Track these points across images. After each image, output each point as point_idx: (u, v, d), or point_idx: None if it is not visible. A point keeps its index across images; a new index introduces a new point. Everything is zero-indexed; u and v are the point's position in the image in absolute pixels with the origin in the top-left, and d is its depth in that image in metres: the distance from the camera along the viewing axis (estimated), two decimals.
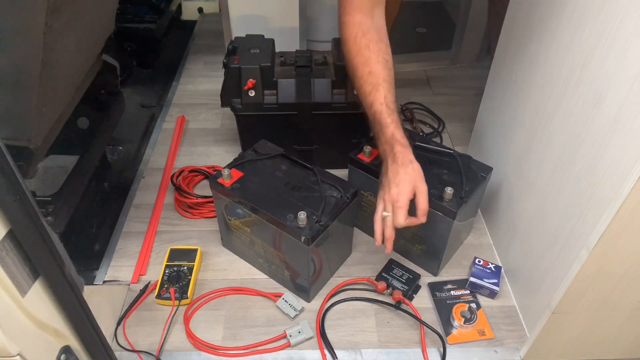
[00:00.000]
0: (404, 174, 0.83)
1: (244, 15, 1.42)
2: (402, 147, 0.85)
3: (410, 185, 0.83)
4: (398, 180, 0.83)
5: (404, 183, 0.83)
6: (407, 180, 0.83)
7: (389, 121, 0.85)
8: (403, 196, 0.83)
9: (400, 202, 0.83)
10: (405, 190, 0.83)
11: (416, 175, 0.84)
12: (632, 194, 0.62)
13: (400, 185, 0.83)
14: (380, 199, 0.86)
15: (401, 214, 0.83)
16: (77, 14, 0.86)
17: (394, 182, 0.83)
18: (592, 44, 0.71)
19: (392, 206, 0.84)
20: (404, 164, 0.84)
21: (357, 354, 0.88)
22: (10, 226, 0.54)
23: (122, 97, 1.33)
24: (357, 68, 0.87)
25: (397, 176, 0.83)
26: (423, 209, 0.84)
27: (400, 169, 0.84)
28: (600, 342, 0.86)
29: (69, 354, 0.66)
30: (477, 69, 1.64)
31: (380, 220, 0.86)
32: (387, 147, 0.85)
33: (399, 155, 0.84)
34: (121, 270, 1.01)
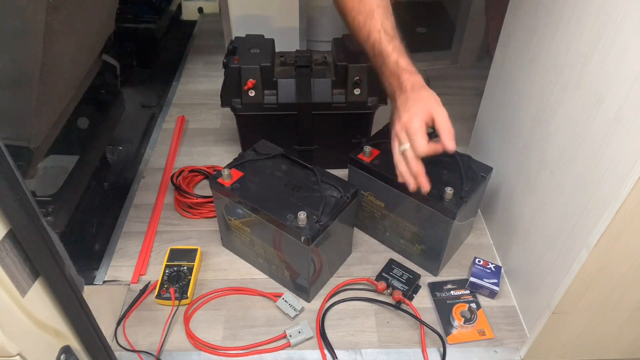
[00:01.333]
0: (414, 98, 0.73)
1: (244, 15, 1.42)
2: (410, 75, 0.75)
3: (424, 107, 0.72)
4: (408, 105, 0.72)
5: (415, 106, 0.72)
6: (419, 103, 0.72)
7: (390, 49, 0.75)
8: (415, 118, 0.71)
9: (413, 127, 0.71)
10: (416, 112, 0.71)
11: (430, 98, 0.73)
12: (632, 193, 0.62)
13: (411, 109, 0.72)
14: (393, 135, 0.75)
15: (419, 139, 0.70)
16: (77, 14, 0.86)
17: (403, 109, 0.73)
18: (592, 43, 0.71)
19: (407, 134, 0.72)
20: (413, 89, 0.74)
21: (357, 354, 0.88)
22: (10, 226, 0.54)
23: (122, 97, 1.33)
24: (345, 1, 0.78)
25: (407, 102, 0.73)
26: (447, 129, 0.70)
27: (409, 95, 0.73)
28: (600, 342, 0.86)
29: (69, 354, 0.66)
30: (477, 69, 1.64)
31: (400, 156, 0.74)
32: (393, 79, 0.75)
33: (407, 83, 0.74)
34: (121, 270, 1.01)
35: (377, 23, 0.76)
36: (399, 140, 0.74)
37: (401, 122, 0.72)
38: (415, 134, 0.70)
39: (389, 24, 0.77)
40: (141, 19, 1.67)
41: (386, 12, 0.78)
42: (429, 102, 0.72)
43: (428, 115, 0.70)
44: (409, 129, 0.71)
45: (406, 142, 0.72)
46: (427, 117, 0.70)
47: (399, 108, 0.73)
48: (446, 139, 0.70)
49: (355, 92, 1.11)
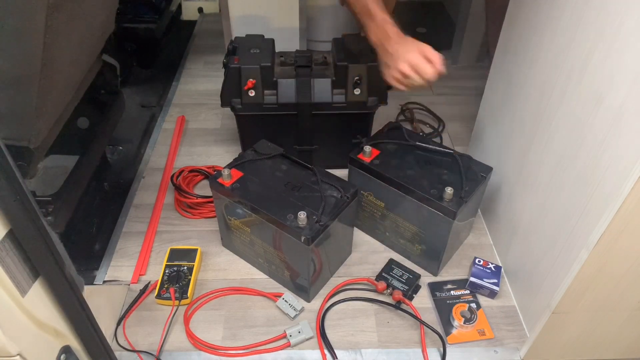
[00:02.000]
0: (403, 43, 0.90)
1: (244, 15, 1.42)
2: (392, 26, 0.91)
3: (413, 47, 0.89)
4: (401, 51, 0.89)
5: (407, 51, 0.89)
6: (408, 44, 0.89)
7: (377, 8, 0.91)
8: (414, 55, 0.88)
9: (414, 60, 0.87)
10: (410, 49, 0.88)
11: (414, 41, 0.90)
12: (632, 193, 0.62)
13: (405, 54, 0.88)
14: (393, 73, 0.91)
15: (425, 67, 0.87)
16: (77, 14, 0.86)
17: (398, 57, 0.89)
18: (592, 43, 0.71)
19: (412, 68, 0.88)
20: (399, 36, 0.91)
21: (357, 354, 0.88)
22: (10, 226, 0.54)
23: (122, 97, 1.33)
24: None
25: (399, 49, 0.89)
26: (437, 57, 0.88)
27: (398, 40, 0.90)
28: (600, 342, 0.86)
29: (69, 354, 0.66)
30: (477, 69, 1.64)
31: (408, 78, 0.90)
32: (380, 33, 0.91)
33: (392, 33, 0.90)
34: (121, 270, 1.01)
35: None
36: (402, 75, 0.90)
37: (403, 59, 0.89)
38: (418, 65, 0.88)
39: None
40: (141, 19, 1.67)
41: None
42: (415, 43, 0.90)
43: (420, 51, 0.89)
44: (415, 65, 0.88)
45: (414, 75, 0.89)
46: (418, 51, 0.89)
47: (393, 55, 0.90)
48: (438, 64, 0.89)
49: (355, 92, 1.11)
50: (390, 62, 0.93)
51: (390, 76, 0.93)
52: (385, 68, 0.96)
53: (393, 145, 1.01)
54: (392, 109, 1.46)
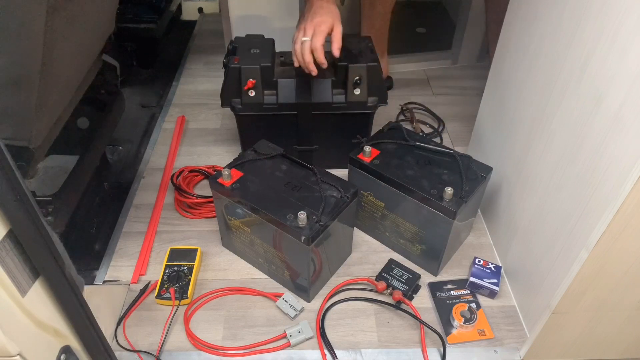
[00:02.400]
0: (328, 9, 0.99)
1: (244, 15, 1.42)
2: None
3: (331, 19, 0.97)
4: (322, 12, 0.98)
5: (327, 15, 0.98)
6: (330, 15, 0.98)
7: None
8: (325, 24, 0.97)
9: (321, 28, 0.97)
10: (327, 20, 0.97)
11: (336, 14, 0.99)
12: (632, 193, 0.62)
13: (323, 16, 0.97)
14: (301, 28, 0.99)
15: (321, 37, 0.96)
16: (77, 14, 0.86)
17: (318, 14, 0.98)
18: (592, 42, 0.71)
19: (314, 31, 0.96)
20: (328, 1, 0.99)
21: (357, 354, 0.88)
22: (10, 226, 0.54)
23: (122, 97, 1.33)
24: None
25: (322, 9, 0.98)
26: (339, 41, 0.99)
27: (324, 4, 0.99)
28: (600, 342, 0.86)
29: (69, 354, 0.66)
30: (477, 69, 1.64)
31: (299, 44, 0.99)
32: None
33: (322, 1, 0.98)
34: (121, 270, 1.01)
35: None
36: (304, 33, 0.98)
37: (313, 22, 0.97)
38: (320, 33, 0.97)
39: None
40: (141, 19, 1.66)
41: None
42: (336, 17, 0.99)
43: (332, 26, 0.98)
44: (317, 28, 0.97)
45: (309, 36, 0.97)
46: (330, 27, 0.98)
47: (314, 11, 0.98)
48: (335, 49, 1.00)
49: (355, 92, 1.11)
50: (305, 18, 1.00)
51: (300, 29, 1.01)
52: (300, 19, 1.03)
53: (393, 145, 1.01)
54: (392, 109, 1.46)
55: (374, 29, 1.39)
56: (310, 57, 0.98)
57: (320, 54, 0.98)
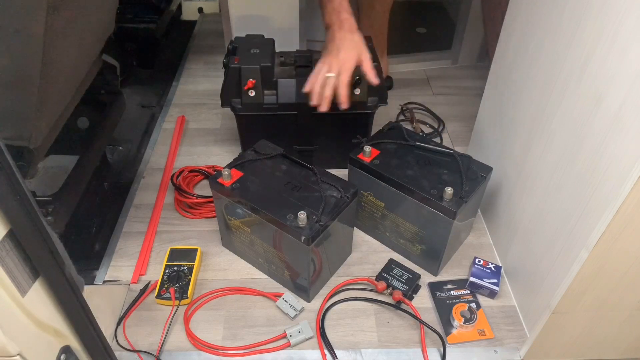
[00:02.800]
0: (351, 40, 0.93)
1: (244, 15, 1.42)
2: (349, 15, 0.93)
3: (356, 51, 0.92)
4: (347, 45, 0.92)
5: (352, 48, 0.92)
6: (354, 46, 0.93)
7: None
8: (352, 60, 0.92)
9: (348, 64, 0.92)
10: (353, 55, 0.92)
11: (361, 43, 0.93)
12: (632, 193, 0.62)
13: (348, 50, 0.92)
14: (325, 62, 0.94)
15: (348, 75, 0.92)
16: (77, 14, 0.86)
17: (343, 47, 0.92)
18: (592, 42, 0.71)
19: (340, 67, 0.92)
20: (351, 30, 0.93)
21: (357, 354, 0.88)
22: (10, 226, 0.54)
23: (122, 97, 1.33)
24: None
25: (345, 42, 0.93)
26: (371, 70, 0.94)
27: (347, 35, 0.93)
28: (600, 342, 0.86)
29: (69, 354, 0.66)
30: (477, 69, 1.64)
31: (322, 79, 0.94)
32: (334, 16, 0.94)
33: (346, 23, 0.93)
34: (121, 270, 1.01)
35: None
36: (329, 68, 0.93)
37: (339, 58, 0.92)
38: (347, 71, 0.92)
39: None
40: (141, 19, 1.66)
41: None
42: (360, 47, 0.93)
43: (359, 58, 0.93)
44: (343, 65, 0.92)
45: (336, 72, 0.92)
46: (358, 59, 0.93)
47: (338, 45, 0.93)
48: (371, 77, 0.95)
49: (355, 92, 1.11)
50: (329, 50, 0.95)
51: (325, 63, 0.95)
52: (323, 51, 0.98)
53: (393, 145, 1.01)
54: (392, 109, 1.46)
55: (373, 29, 1.39)
56: (332, 93, 0.94)
57: (344, 92, 0.94)
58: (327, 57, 0.94)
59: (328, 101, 0.94)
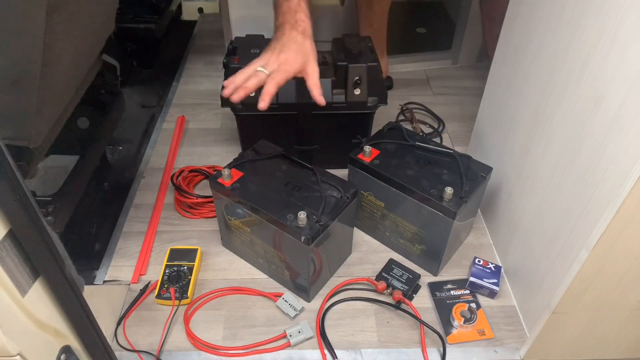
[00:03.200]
0: (301, 44, 0.80)
1: (244, 15, 1.42)
2: (306, 17, 0.82)
3: (304, 58, 0.81)
4: (293, 47, 0.80)
5: (297, 52, 0.80)
6: (301, 51, 0.81)
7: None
8: (291, 65, 0.80)
9: (287, 67, 0.80)
10: (296, 61, 0.80)
11: (311, 51, 0.82)
12: (632, 193, 0.62)
13: (293, 53, 0.80)
14: (263, 58, 0.82)
15: (281, 78, 0.79)
16: (77, 14, 0.86)
17: (287, 48, 0.80)
18: (592, 43, 0.71)
19: (277, 67, 0.79)
20: (303, 34, 0.81)
21: (357, 354, 0.88)
22: (10, 226, 0.54)
23: (122, 97, 1.33)
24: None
25: (293, 43, 0.80)
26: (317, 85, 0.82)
27: (298, 37, 0.80)
28: (600, 342, 0.86)
29: (69, 353, 0.66)
30: (477, 69, 1.64)
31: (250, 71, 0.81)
32: (289, 15, 0.81)
33: (301, 24, 0.81)
34: (121, 270, 1.01)
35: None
36: (265, 63, 0.80)
37: (280, 57, 0.80)
38: (281, 73, 0.79)
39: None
40: (141, 19, 1.66)
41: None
42: (309, 55, 0.81)
43: (302, 67, 0.81)
44: (281, 66, 0.80)
45: (269, 70, 0.79)
46: (301, 68, 0.81)
47: (284, 43, 0.80)
48: (316, 95, 0.82)
49: (355, 92, 1.11)
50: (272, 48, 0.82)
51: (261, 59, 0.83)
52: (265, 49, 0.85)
53: (393, 145, 1.01)
54: (392, 109, 1.46)
55: (372, 29, 1.39)
56: (255, 87, 0.81)
57: (270, 90, 0.81)
58: (267, 53, 0.82)
59: (245, 92, 0.80)
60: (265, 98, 0.79)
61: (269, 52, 0.82)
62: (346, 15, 1.49)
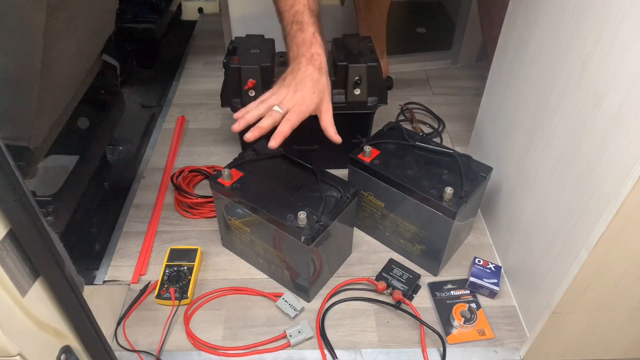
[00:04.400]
0: (317, 82, 0.76)
1: (244, 15, 1.42)
2: (322, 50, 0.77)
3: (319, 96, 0.77)
4: (309, 86, 0.76)
5: (314, 92, 0.76)
6: (318, 90, 0.77)
7: (311, 21, 0.78)
8: (307, 106, 0.77)
9: (302, 108, 0.77)
10: (312, 102, 0.76)
11: (327, 90, 0.78)
12: (632, 193, 0.62)
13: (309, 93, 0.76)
14: (277, 93, 0.78)
15: (295, 120, 0.76)
16: (77, 14, 0.86)
17: (304, 86, 0.76)
18: (592, 43, 0.71)
19: (292, 107, 0.76)
20: (320, 70, 0.77)
21: (357, 354, 0.88)
22: (10, 226, 0.54)
23: (122, 97, 1.33)
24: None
25: (309, 81, 0.76)
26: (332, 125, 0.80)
27: (314, 74, 0.76)
28: (600, 342, 0.86)
29: (69, 354, 0.66)
30: (477, 69, 1.64)
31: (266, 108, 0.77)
32: (304, 47, 0.77)
33: (317, 58, 0.77)
34: (121, 270, 1.01)
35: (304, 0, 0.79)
36: (280, 101, 0.77)
37: (296, 96, 0.76)
38: (296, 116, 0.76)
39: (314, 5, 0.80)
40: (141, 19, 1.67)
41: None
42: (325, 94, 0.78)
43: (317, 106, 0.77)
44: (296, 107, 0.76)
45: (284, 110, 0.76)
46: (316, 107, 0.77)
47: (300, 80, 0.76)
48: (331, 134, 0.81)
49: (355, 92, 1.11)
50: (287, 83, 0.78)
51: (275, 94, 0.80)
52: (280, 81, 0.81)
53: (393, 145, 1.01)
54: (392, 109, 1.46)
55: (371, 31, 1.39)
56: (269, 128, 0.77)
57: (285, 131, 0.78)
58: (282, 89, 0.78)
59: (259, 133, 0.77)
60: (278, 138, 0.76)
61: (284, 88, 0.78)
62: (346, 15, 1.49)
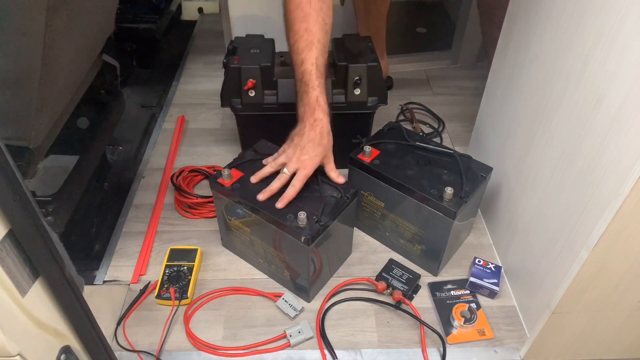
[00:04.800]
0: (319, 144, 0.86)
1: (244, 15, 1.42)
2: (324, 115, 0.87)
3: (322, 154, 0.87)
4: (312, 149, 0.86)
5: (316, 155, 0.86)
6: (321, 151, 0.87)
7: (316, 84, 0.86)
8: (311, 167, 0.86)
9: (307, 171, 0.86)
10: (316, 162, 0.87)
11: (328, 144, 0.88)
12: (632, 193, 0.62)
13: (312, 156, 0.86)
14: (285, 156, 0.88)
15: (300, 184, 0.86)
16: (77, 14, 0.86)
17: (308, 150, 0.86)
18: (592, 43, 0.71)
19: (297, 169, 0.86)
20: (322, 133, 0.86)
21: (357, 354, 0.88)
22: (10, 226, 0.54)
23: (122, 97, 1.33)
24: (294, 22, 0.87)
25: (312, 145, 0.86)
26: (333, 170, 0.90)
27: (316, 138, 0.86)
28: (600, 342, 0.86)
29: (69, 354, 0.66)
30: (477, 69, 1.64)
31: (275, 167, 0.89)
32: (308, 110, 0.87)
33: (319, 123, 0.86)
34: (121, 270, 1.01)
35: (313, 56, 0.86)
36: (287, 163, 0.87)
37: (301, 159, 0.86)
38: (302, 179, 0.86)
39: (322, 61, 0.88)
40: (141, 19, 1.67)
41: (324, 49, 0.88)
42: (327, 150, 0.88)
43: (320, 162, 0.88)
44: (303, 169, 0.86)
45: (290, 172, 0.86)
46: (316, 167, 0.87)
47: (305, 144, 0.86)
48: (335, 178, 0.90)
49: (355, 92, 1.11)
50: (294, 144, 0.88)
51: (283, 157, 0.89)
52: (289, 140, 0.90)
53: (393, 145, 1.01)
54: (392, 109, 1.46)
55: (370, 32, 1.39)
56: (278, 189, 0.87)
57: (291, 194, 0.86)
58: (289, 150, 0.88)
59: (270, 194, 0.87)
60: (284, 201, 0.86)
61: (291, 150, 0.88)
62: (346, 15, 1.49)
